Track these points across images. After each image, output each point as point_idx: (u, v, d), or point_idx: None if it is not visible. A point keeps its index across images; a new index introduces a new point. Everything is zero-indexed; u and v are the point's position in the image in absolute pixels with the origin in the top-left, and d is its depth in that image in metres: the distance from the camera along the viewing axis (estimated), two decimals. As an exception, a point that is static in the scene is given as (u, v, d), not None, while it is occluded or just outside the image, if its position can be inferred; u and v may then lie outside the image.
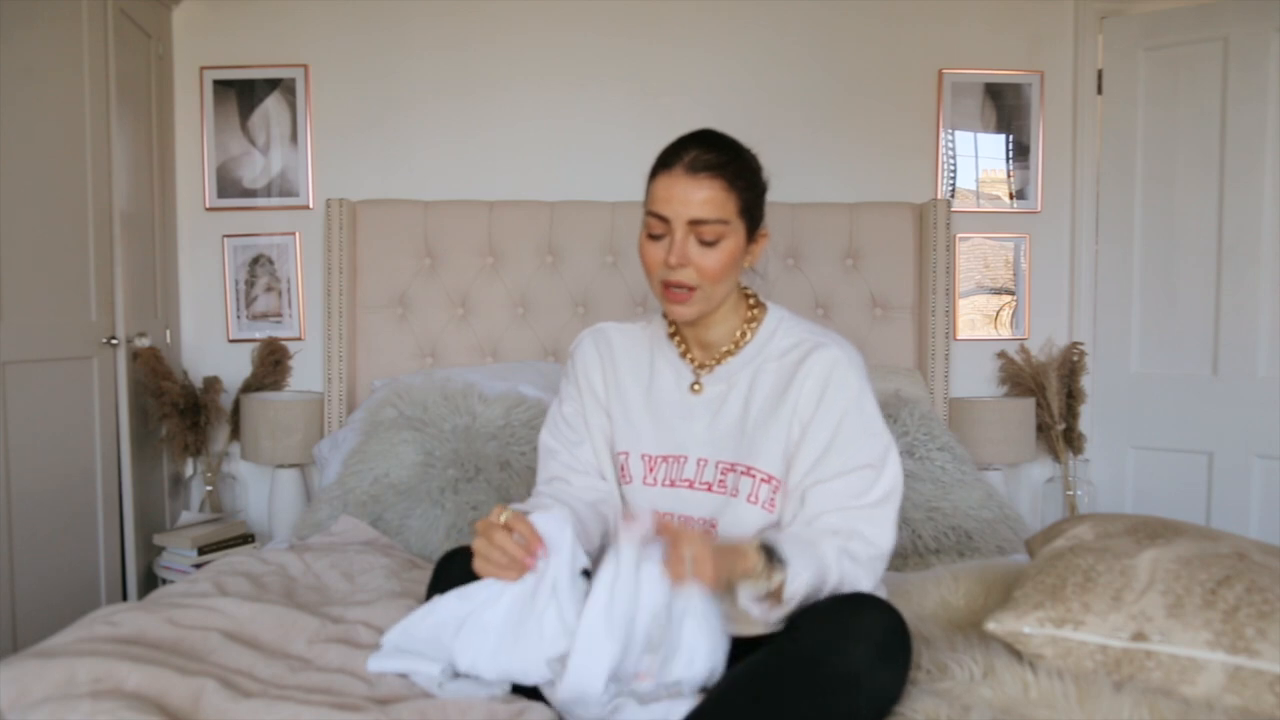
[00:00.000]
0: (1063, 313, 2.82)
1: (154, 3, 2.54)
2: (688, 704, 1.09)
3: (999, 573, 1.48)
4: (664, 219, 1.27)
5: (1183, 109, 2.64)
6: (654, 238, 1.29)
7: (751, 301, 1.40)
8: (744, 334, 1.38)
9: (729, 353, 1.37)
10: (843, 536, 1.22)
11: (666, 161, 1.29)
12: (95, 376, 2.21)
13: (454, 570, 1.27)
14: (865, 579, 1.21)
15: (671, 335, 1.42)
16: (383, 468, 2.09)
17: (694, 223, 1.25)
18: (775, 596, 1.13)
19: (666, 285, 1.29)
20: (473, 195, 2.62)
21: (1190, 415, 2.65)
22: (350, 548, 1.83)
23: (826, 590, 1.17)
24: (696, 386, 1.37)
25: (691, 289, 1.28)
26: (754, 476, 1.30)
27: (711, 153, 1.27)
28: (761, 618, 1.15)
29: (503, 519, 1.15)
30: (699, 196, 1.25)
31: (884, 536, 1.24)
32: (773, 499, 1.29)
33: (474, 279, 2.57)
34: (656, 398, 1.39)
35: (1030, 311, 2.81)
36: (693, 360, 1.40)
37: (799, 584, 1.13)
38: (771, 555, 1.13)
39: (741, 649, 1.13)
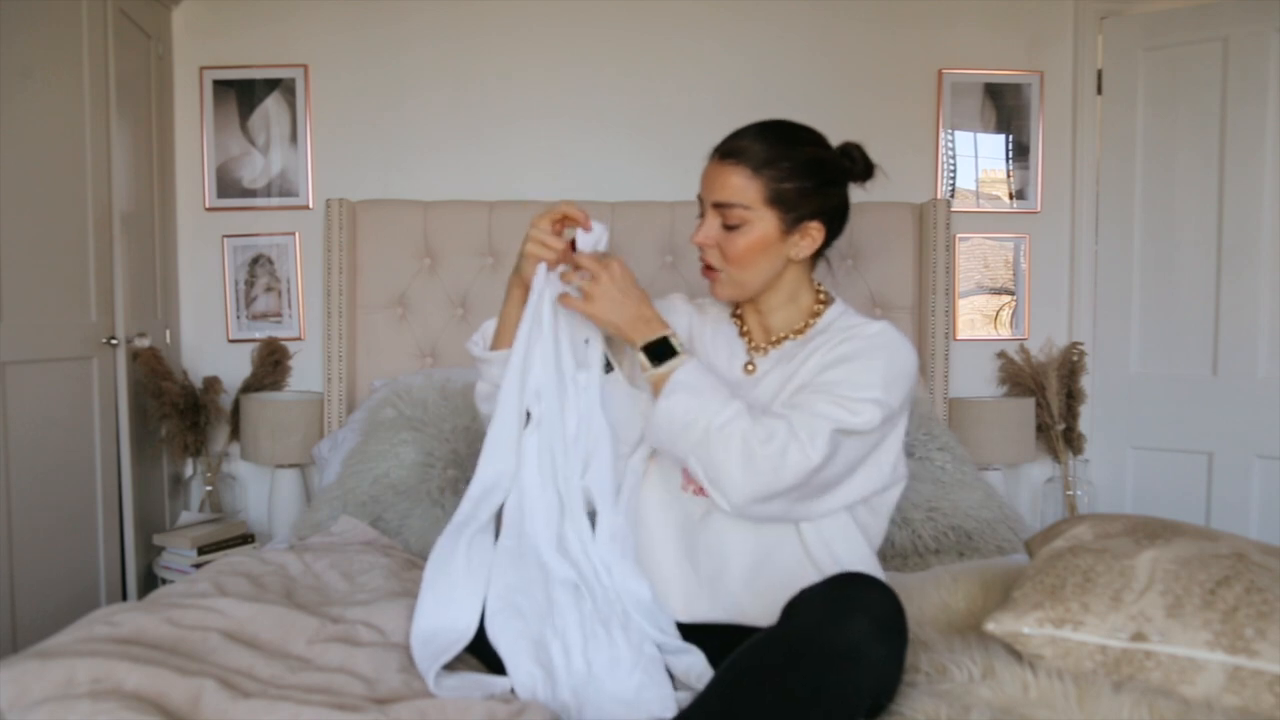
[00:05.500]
0: (1062, 313, 2.82)
1: (154, 3, 2.54)
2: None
3: (998, 573, 1.48)
4: (701, 200, 1.38)
5: (1183, 109, 2.64)
6: (701, 217, 1.39)
7: (821, 296, 1.45)
8: (807, 324, 1.42)
9: (786, 338, 1.42)
10: (769, 414, 1.26)
11: (717, 146, 1.38)
12: (95, 376, 2.21)
13: None
14: (749, 452, 1.21)
15: (733, 315, 1.48)
16: (382, 468, 2.09)
17: (716, 206, 1.35)
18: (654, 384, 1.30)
19: (702, 264, 1.40)
20: (473, 195, 2.62)
21: (1190, 415, 2.65)
22: (350, 548, 1.83)
23: (708, 427, 1.24)
24: (750, 367, 1.42)
25: (718, 270, 1.38)
26: None
27: (745, 140, 1.34)
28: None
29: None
30: (720, 181, 1.34)
31: (813, 445, 1.21)
32: None
33: (474, 279, 2.57)
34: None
35: (1030, 311, 2.81)
36: (750, 341, 1.45)
37: (674, 401, 1.26)
38: (659, 358, 1.29)
39: (739, 636, 1.14)
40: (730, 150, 1.34)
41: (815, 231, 1.38)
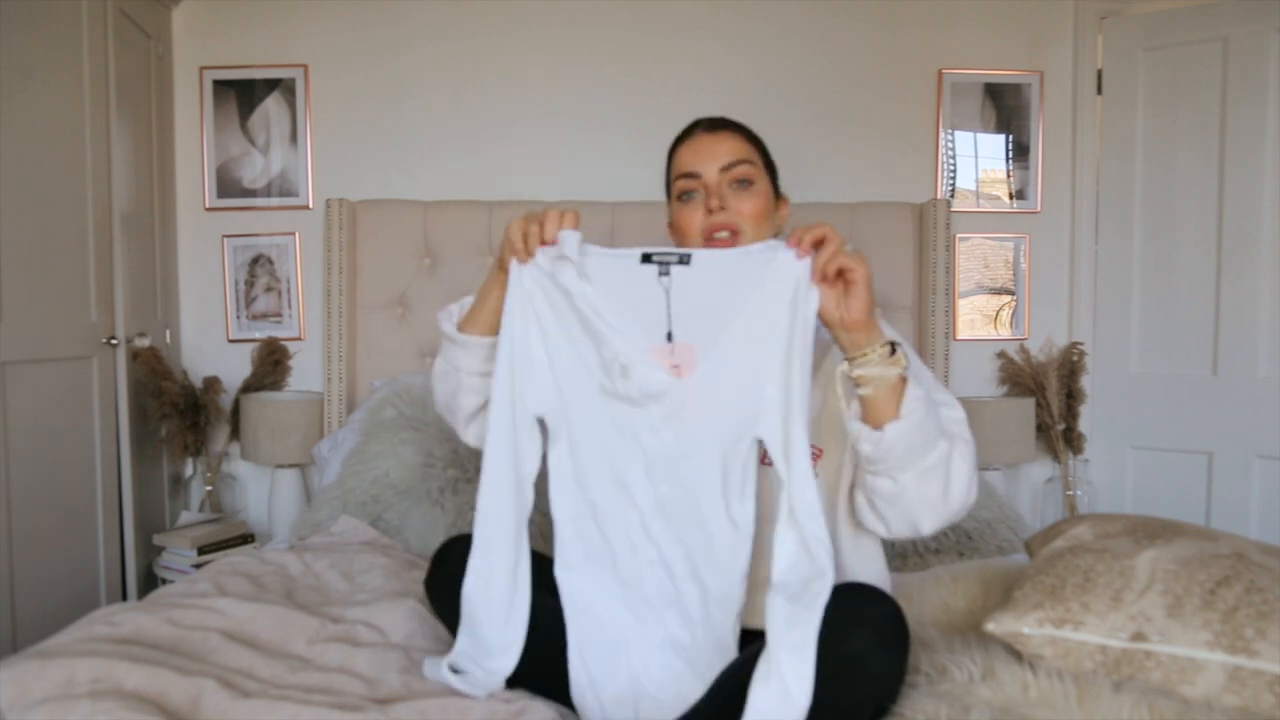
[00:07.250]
0: (1062, 313, 2.82)
1: (154, 3, 2.54)
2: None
3: (998, 573, 1.48)
4: (694, 175, 1.32)
5: (1183, 109, 2.64)
6: (684, 200, 1.33)
7: None
8: None
9: None
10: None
11: (683, 135, 1.37)
12: (95, 376, 2.21)
13: (452, 560, 1.28)
14: (966, 451, 1.17)
15: None
16: (383, 468, 2.09)
17: (726, 168, 1.30)
18: (885, 406, 1.10)
19: (709, 239, 1.29)
20: (473, 195, 2.62)
21: (1190, 415, 2.65)
22: (350, 548, 1.83)
23: (935, 449, 1.12)
24: None
25: (736, 232, 1.29)
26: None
27: (717, 118, 1.36)
28: (862, 434, 1.12)
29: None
30: (724, 146, 1.32)
31: (957, 406, 1.21)
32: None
33: (474, 279, 2.55)
34: None
35: (1030, 311, 2.81)
36: None
37: (916, 399, 1.10)
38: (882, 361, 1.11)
39: (744, 639, 1.14)
40: (715, 123, 1.35)
41: (785, 204, 1.40)
